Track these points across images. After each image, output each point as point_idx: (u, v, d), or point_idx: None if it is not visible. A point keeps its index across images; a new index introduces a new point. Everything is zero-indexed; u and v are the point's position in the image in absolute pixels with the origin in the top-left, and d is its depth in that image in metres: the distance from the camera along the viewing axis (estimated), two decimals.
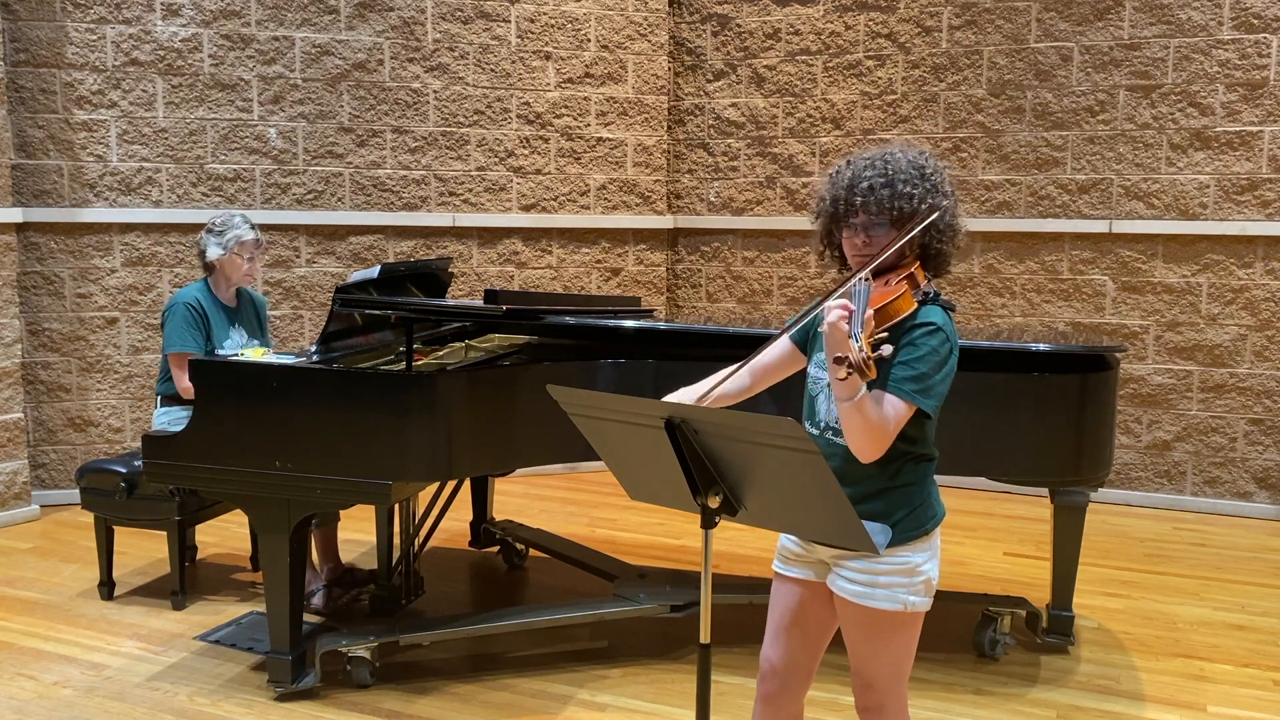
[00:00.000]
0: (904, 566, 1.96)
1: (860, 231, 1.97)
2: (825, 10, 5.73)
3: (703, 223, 6.08)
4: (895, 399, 1.85)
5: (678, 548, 4.57)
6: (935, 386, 1.88)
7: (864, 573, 1.96)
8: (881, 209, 1.94)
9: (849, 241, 2.00)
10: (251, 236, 3.87)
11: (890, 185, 1.94)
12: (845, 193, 1.98)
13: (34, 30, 4.97)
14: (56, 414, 5.19)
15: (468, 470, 3.39)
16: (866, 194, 1.94)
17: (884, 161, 1.98)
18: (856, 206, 1.96)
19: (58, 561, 4.38)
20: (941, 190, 1.98)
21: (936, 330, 1.89)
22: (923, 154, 2.01)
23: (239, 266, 3.88)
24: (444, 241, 5.71)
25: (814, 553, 2.05)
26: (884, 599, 1.96)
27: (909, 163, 1.97)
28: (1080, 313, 5.41)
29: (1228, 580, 4.27)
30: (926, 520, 2.00)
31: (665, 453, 1.74)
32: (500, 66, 5.66)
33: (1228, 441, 5.22)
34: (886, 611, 1.96)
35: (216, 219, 3.89)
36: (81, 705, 3.11)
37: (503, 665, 3.41)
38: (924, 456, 2.01)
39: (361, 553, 4.38)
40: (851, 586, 1.98)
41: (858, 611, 1.98)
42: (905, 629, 2.00)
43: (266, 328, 4.16)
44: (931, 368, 1.87)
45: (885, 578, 1.95)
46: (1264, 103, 4.99)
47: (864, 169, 1.98)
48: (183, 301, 3.83)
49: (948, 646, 3.51)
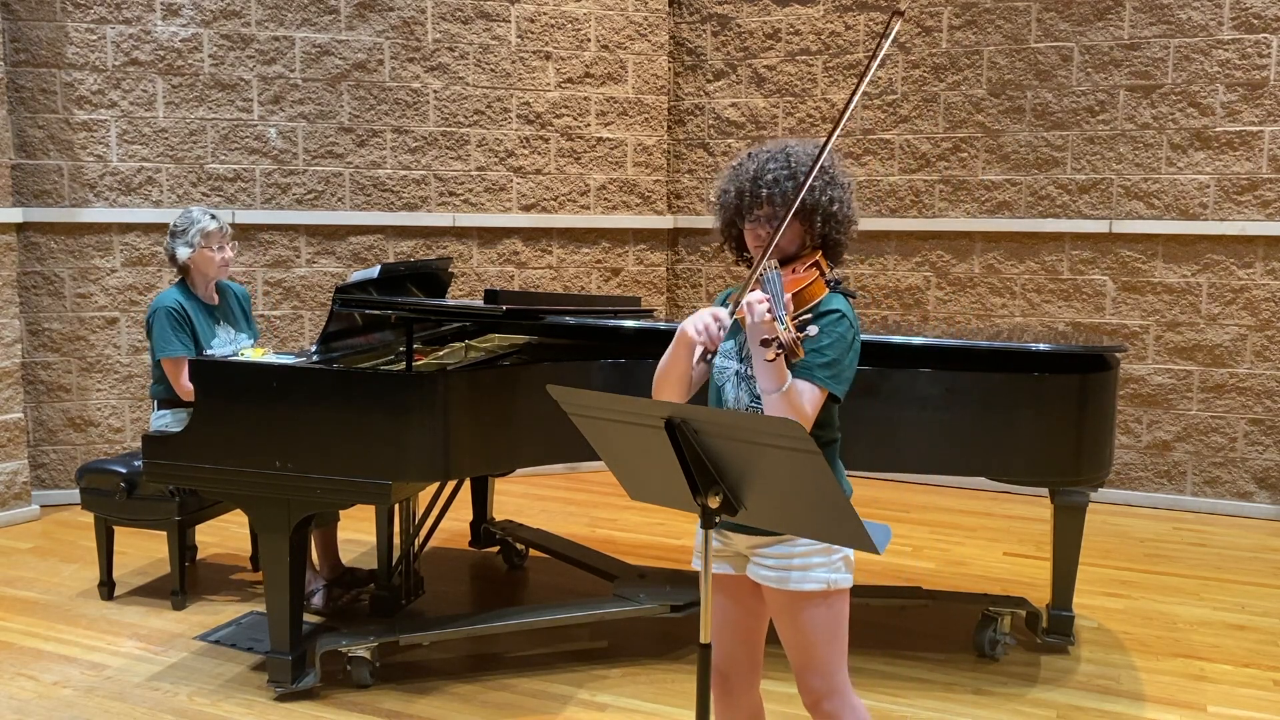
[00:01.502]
0: (821, 546, 1.98)
1: (763, 223, 2.02)
2: (825, 10, 5.73)
3: (703, 223, 6.08)
4: (811, 385, 1.90)
5: (678, 548, 4.58)
6: (844, 372, 1.95)
7: (783, 558, 2.00)
8: (785, 201, 1.99)
9: (752, 233, 2.05)
10: (215, 225, 3.82)
11: (794, 177, 2.00)
12: (750, 185, 2.03)
13: (34, 30, 4.97)
14: (56, 414, 5.19)
15: (468, 470, 3.39)
16: (771, 185, 2.00)
17: (785, 154, 2.04)
18: (761, 198, 2.01)
19: (58, 561, 4.38)
20: (839, 182, 2.05)
21: (841, 317, 1.95)
22: (819, 145, 2.06)
23: (212, 260, 3.83)
24: (444, 241, 5.71)
25: (731, 545, 2.08)
26: (801, 579, 1.99)
27: (808, 155, 2.03)
28: (1080, 313, 5.42)
29: (1228, 580, 4.27)
30: None
31: (665, 453, 1.74)
32: (500, 66, 5.66)
33: (1228, 441, 5.22)
34: (811, 592, 2.00)
35: (176, 220, 3.84)
36: (81, 705, 3.12)
37: (503, 665, 3.41)
38: (830, 440, 2.05)
39: (361, 553, 4.38)
40: (773, 574, 2.01)
41: (783, 596, 2.02)
42: (832, 607, 2.03)
43: (252, 318, 4.11)
44: (840, 353, 1.93)
45: (802, 559, 1.99)
46: (1264, 103, 4.99)
47: (766, 161, 2.04)
48: (164, 307, 3.77)
49: (948, 646, 3.51)
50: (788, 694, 3.09)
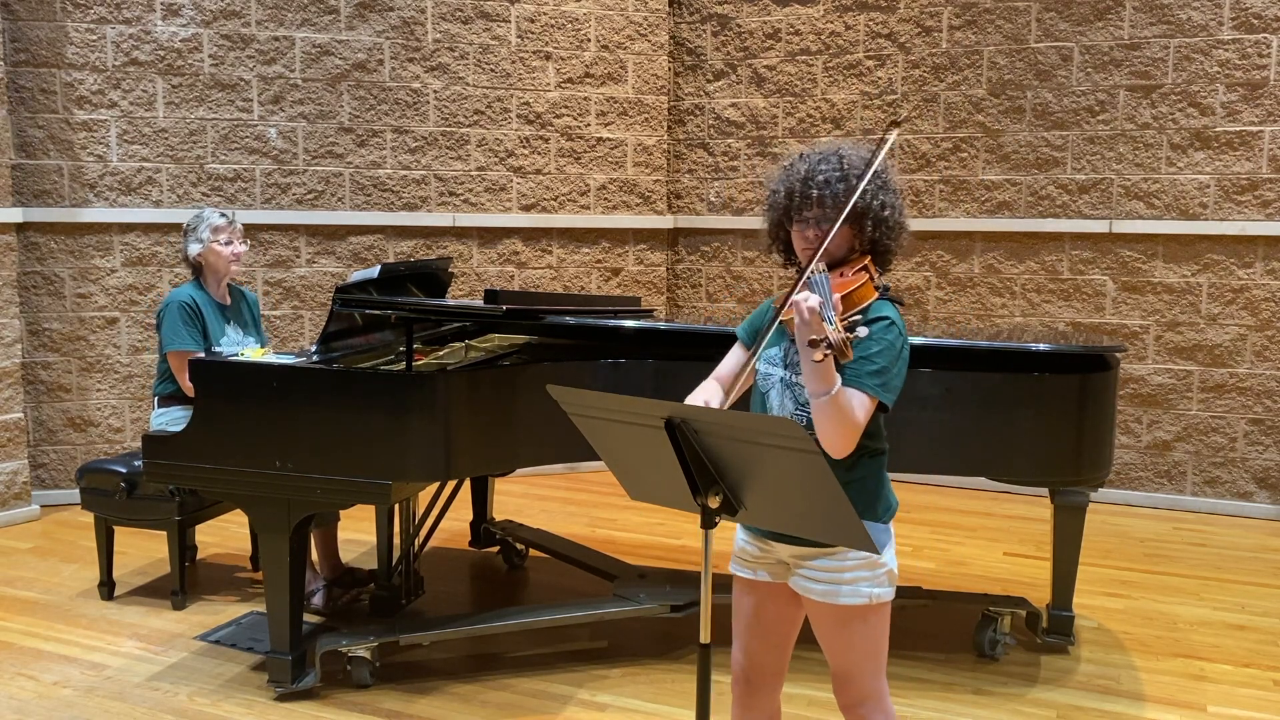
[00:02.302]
0: (865, 560, 1.97)
1: (812, 225, 1.99)
2: (825, 10, 5.73)
3: (703, 223, 6.08)
4: (860, 393, 1.87)
5: (678, 548, 4.57)
6: (893, 380, 1.92)
7: (828, 571, 1.98)
8: (836, 203, 1.96)
9: (799, 235, 2.03)
10: (224, 220, 3.89)
11: (845, 179, 1.97)
12: (800, 185, 2.00)
13: (34, 30, 4.97)
14: (56, 414, 5.19)
15: (468, 470, 3.39)
16: (822, 187, 1.97)
17: (838, 156, 2.01)
18: (811, 199, 1.98)
19: (58, 561, 4.38)
20: (890, 187, 2.02)
21: (891, 324, 1.92)
22: (872, 149, 2.04)
23: (221, 253, 3.88)
24: (444, 241, 5.71)
25: (772, 553, 2.06)
26: (849, 594, 1.97)
27: (860, 158, 2.00)
28: (1080, 313, 5.42)
29: (1228, 580, 4.27)
30: (882, 513, 2.02)
31: (665, 453, 1.74)
32: (500, 66, 5.66)
33: (1228, 441, 5.22)
34: (853, 606, 1.98)
35: (188, 220, 3.93)
36: (81, 705, 3.11)
37: (503, 665, 3.41)
38: (879, 450, 2.03)
39: (361, 553, 4.38)
40: (817, 586, 1.99)
41: (826, 610, 2.00)
42: (873, 620, 2.02)
43: (261, 325, 4.16)
44: (890, 361, 1.90)
45: (849, 574, 1.97)
46: (1264, 103, 4.99)
47: (818, 162, 2.01)
48: (177, 301, 3.83)
49: (948, 646, 3.51)
50: (805, 697, 3.10)
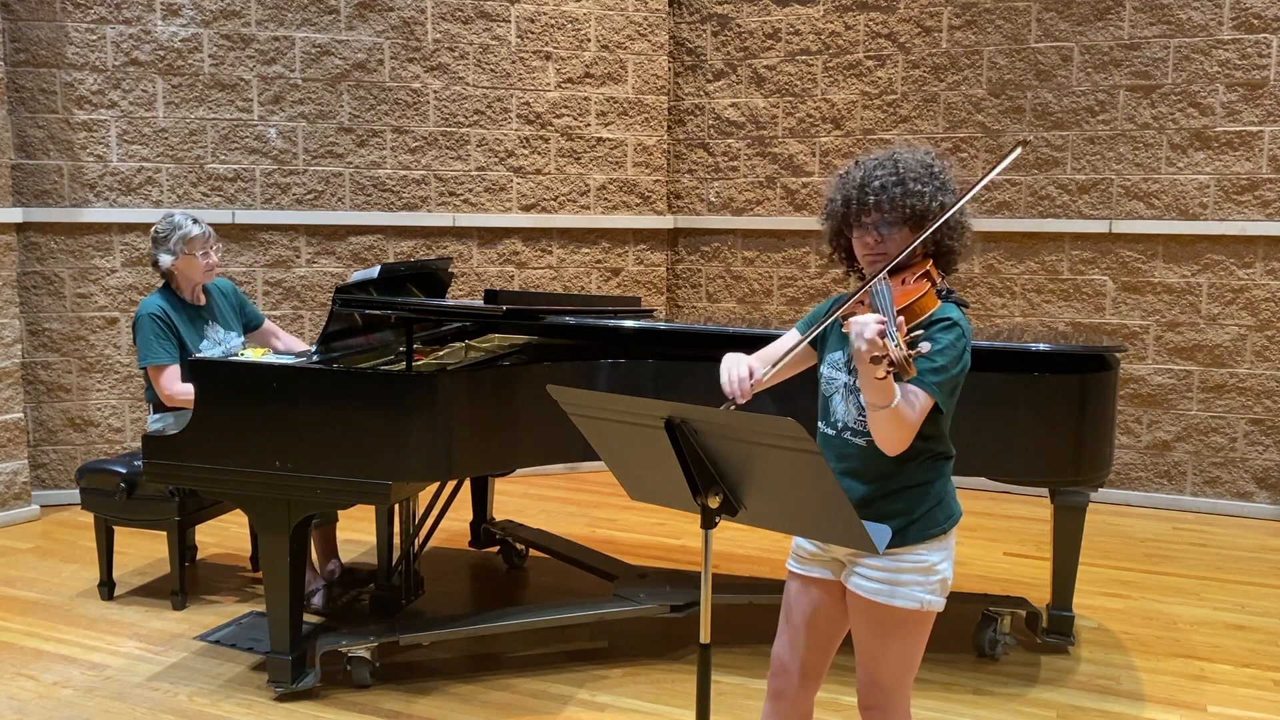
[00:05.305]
0: (921, 565, 1.96)
1: (871, 230, 1.98)
2: (825, 10, 5.73)
3: (703, 223, 6.08)
4: (919, 390, 1.86)
5: (678, 548, 4.57)
6: (950, 380, 1.91)
7: (883, 570, 1.96)
8: (894, 207, 1.95)
9: (860, 241, 2.01)
10: (199, 231, 3.71)
11: (902, 184, 1.96)
12: (857, 192, 1.99)
13: (34, 30, 4.97)
14: (56, 414, 5.19)
15: (468, 470, 3.39)
16: (879, 193, 1.96)
17: (893, 161, 2.00)
18: (869, 205, 1.97)
19: (58, 561, 4.38)
20: (949, 188, 2.01)
21: (954, 325, 1.92)
22: (929, 152, 2.03)
23: (198, 266, 3.74)
24: (444, 241, 5.71)
25: (830, 551, 2.06)
26: (902, 597, 1.96)
27: (917, 161, 2.00)
28: (1080, 313, 5.42)
29: (1228, 580, 4.27)
30: (944, 519, 2.00)
31: (665, 453, 1.74)
32: (500, 66, 5.66)
33: (1228, 441, 5.22)
34: (903, 610, 1.96)
35: (159, 226, 3.74)
36: (81, 705, 3.11)
37: (503, 665, 3.41)
38: (942, 454, 2.02)
39: (361, 553, 4.38)
40: (870, 585, 1.98)
41: (874, 609, 1.98)
42: (918, 628, 2.00)
43: (248, 306, 4.04)
44: (950, 360, 1.89)
45: (905, 575, 1.96)
46: (1264, 103, 4.99)
47: (874, 168, 2.00)
48: (147, 313, 3.69)
49: (948, 646, 3.51)
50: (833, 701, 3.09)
